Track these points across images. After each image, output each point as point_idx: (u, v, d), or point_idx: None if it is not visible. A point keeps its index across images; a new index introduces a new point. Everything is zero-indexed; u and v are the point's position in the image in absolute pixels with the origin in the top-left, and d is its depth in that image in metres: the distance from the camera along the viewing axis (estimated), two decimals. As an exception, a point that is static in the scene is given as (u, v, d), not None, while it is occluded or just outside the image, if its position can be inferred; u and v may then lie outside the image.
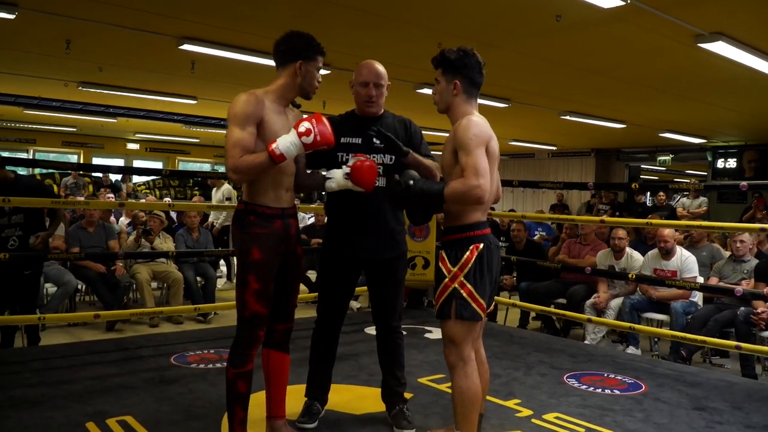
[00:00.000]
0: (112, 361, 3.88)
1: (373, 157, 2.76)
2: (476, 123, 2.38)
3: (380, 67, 2.83)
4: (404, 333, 3.08)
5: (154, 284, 6.36)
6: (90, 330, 5.52)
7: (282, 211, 2.53)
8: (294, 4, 5.06)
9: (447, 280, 2.42)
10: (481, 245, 2.42)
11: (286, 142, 2.34)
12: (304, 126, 2.35)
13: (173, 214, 8.51)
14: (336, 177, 2.59)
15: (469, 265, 2.40)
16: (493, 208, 10.02)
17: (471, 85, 2.50)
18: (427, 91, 7.98)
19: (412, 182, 2.42)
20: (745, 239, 5.17)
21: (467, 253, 2.40)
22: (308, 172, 2.83)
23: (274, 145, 2.33)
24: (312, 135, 2.34)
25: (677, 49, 5.81)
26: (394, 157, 2.78)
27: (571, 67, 6.93)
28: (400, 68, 6.69)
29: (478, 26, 5.54)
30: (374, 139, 2.76)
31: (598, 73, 7.19)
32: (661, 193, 10.52)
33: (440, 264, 2.47)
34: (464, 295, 2.40)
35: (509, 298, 6.23)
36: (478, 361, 2.57)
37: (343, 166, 2.60)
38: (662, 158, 14.39)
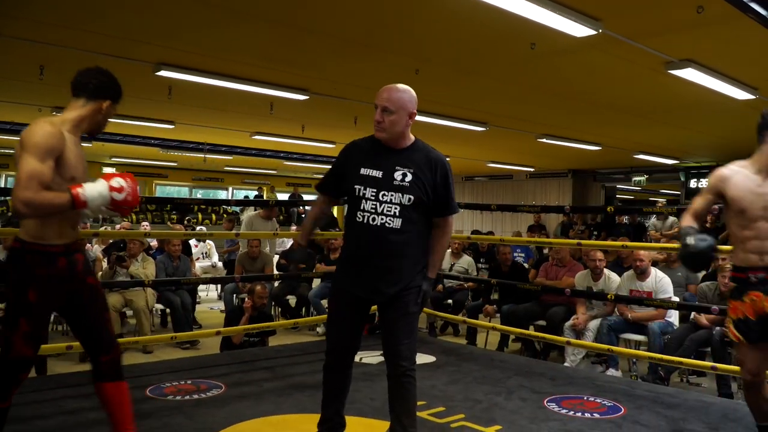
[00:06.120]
0: (86, 394, 3.78)
1: (392, 195, 2.55)
2: None
3: (394, 93, 2.62)
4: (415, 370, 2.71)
5: (130, 312, 6.28)
6: (62, 361, 5.40)
7: (66, 248, 2.39)
8: (271, 31, 5.07)
9: None
10: None
11: (94, 192, 2.24)
12: (118, 182, 2.28)
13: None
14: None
15: None
16: (479, 232, 9.89)
17: None
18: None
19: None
20: None
21: None
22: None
23: (81, 191, 2.22)
24: (124, 194, 2.28)
25: (648, 76, 5.94)
26: (412, 197, 2.54)
27: (547, 93, 7.04)
28: (378, 93, 6.73)
29: (455, 53, 5.61)
30: (395, 173, 2.55)
31: (572, 99, 7.31)
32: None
33: None
34: None
35: (489, 321, 6.24)
36: None
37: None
38: (637, 178, 14.65)
